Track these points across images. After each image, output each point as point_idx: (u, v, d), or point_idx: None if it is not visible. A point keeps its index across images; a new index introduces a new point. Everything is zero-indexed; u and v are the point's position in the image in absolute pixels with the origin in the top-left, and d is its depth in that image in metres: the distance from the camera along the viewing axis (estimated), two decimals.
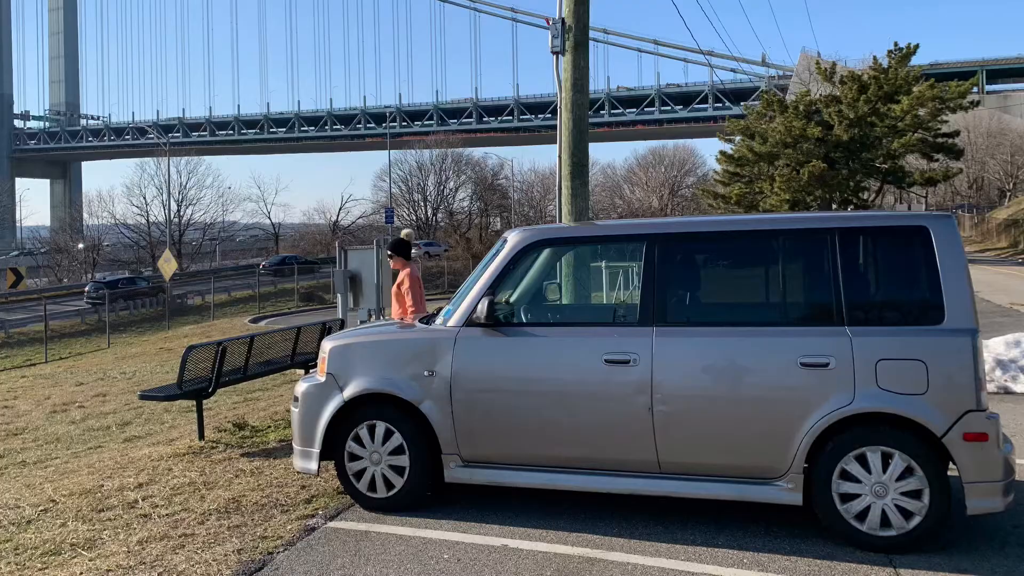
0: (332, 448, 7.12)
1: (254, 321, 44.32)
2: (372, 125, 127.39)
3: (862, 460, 5.91)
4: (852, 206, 46.78)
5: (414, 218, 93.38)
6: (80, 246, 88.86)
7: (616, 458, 6.50)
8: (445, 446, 6.84)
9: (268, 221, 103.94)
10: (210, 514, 7.10)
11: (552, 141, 13.23)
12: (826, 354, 5.99)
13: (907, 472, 5.81)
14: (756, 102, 56.81)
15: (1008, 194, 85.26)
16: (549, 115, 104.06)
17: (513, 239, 7.10)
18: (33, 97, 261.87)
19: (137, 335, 46.41)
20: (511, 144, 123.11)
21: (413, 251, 10.78)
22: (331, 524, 6.76)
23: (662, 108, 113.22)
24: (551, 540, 6.29)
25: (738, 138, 53.29)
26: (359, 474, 7.03)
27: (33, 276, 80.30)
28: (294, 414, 7.32)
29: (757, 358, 6.22)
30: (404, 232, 10.88)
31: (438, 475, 6.93)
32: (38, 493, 8.40)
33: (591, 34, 12.96)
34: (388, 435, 6.93)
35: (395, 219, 77.05)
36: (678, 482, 6.39)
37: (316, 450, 7.10)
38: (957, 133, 48.59)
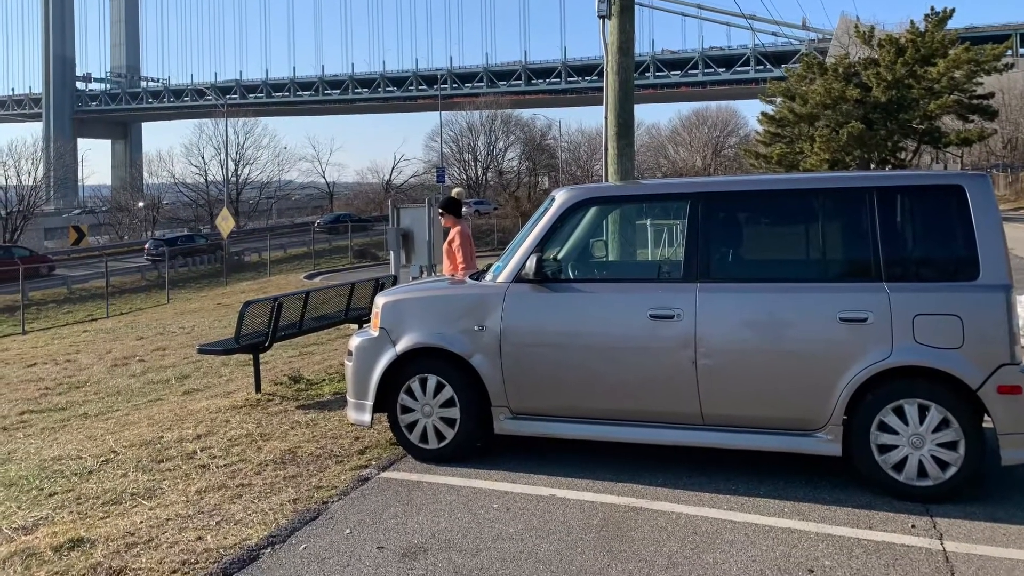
0: (385, 401, 7.27)
1: (309, 277, 44.59)
2: (424, 87, 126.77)
3: (899, 412, 6.00)
4: (890, 166, 46.76)
5: (464, 177, 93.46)
6: (140, 204, 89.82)
7: (661, 410, 6.62)
8: (494, 398, 6.98)
9: (323, 180, 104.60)
10: (266, 465, 7.26)
11: (598, 103, 13.25)
12: (865, 309, 6.07)
13: (943, 424, 5.90)
14: (797, 65, 56.17)
15: None
16: (596, 77, 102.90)
17: (561, 197, 7.20)
18: (95, 60, 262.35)
19: (195, 291, 46.76)
20: (559, 105, 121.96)
21: (464, 209, 10.92)
22: (384, 474, 6.90)
23: (705, 71, 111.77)
24: (597, 490, 6.41)
25: (779, 100, 53.45)
26: (411, 426, 7.19)
27: (95, 234, 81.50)
28: (348, 368, 7.49)
29: (798, 313, 6.31)
30: (455, 191, 11.02)
31: (487, 427, 7.07)
32: (100, 444, 8.61)
33: None
34: (439, 388, 7.08)
35: (446, 178, 77.19)
36: (720, 434, 6.51)
37: (369, 402, 7.26)
38: (992, 95, 48.34)
